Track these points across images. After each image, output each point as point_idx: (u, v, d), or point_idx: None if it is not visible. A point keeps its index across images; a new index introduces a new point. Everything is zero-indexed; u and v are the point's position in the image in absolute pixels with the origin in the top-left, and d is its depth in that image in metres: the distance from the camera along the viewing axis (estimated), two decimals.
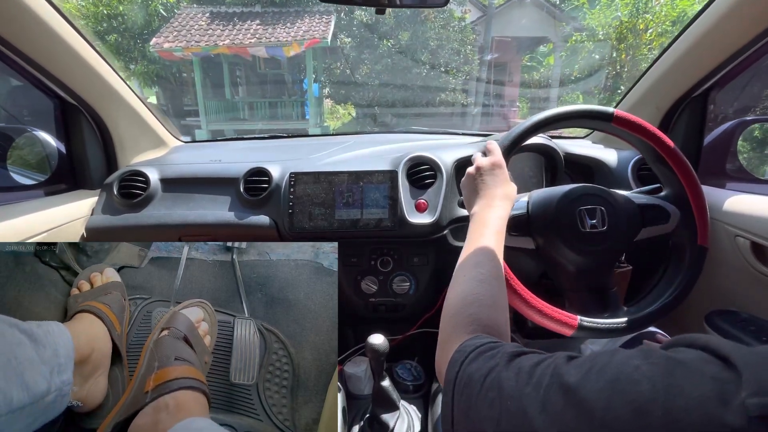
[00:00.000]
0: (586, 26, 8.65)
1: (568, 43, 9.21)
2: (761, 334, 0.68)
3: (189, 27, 8.46)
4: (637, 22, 6.84)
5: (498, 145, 0.65)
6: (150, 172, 0.96)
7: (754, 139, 1.26)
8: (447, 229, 0.89)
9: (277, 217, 0.89)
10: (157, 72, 8.50)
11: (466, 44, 8.92)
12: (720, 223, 0.78)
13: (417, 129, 1.29)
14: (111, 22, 7.96)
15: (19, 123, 1.09)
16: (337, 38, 8.71)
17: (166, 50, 7.98)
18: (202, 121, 8.83)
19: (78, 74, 0.85)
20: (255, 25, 8.47)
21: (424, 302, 0.99)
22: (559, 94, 9.28)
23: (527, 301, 0.60)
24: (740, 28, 0.72)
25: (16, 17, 0.68)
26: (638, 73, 0.97)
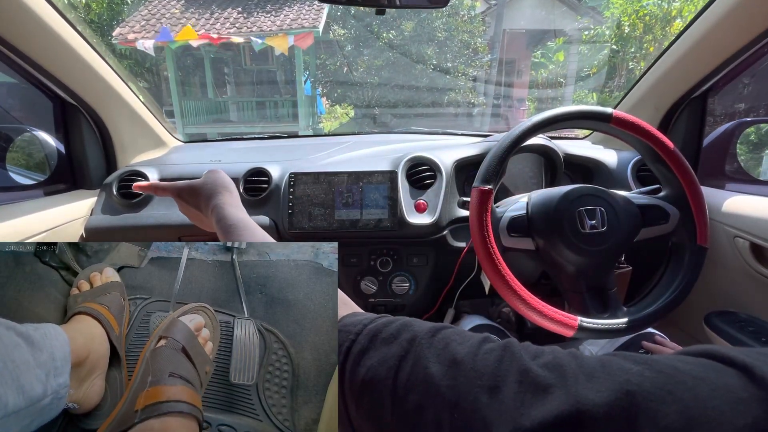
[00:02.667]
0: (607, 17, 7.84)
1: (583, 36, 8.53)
2: (760, 334, 0.68)
3: (159, 15, 7.45)
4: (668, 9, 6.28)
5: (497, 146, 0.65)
6: (149, 172, 0.96)
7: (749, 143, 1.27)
8: (447, 230, 0.89)
9: (277, 218, 0.89)
10: (130, 67, 7.52)
11: (476, 36, 8.26)
12: (719, 223, 0.78)
13: (417, 129, 1.29)
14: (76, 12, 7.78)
15: (18, 123, 1.09)
16: (330, 29, 7.88)
17: (130, 42, 6.97)
18: (177, 123, 7.78)
19: (77, 74, 0.85)
20: (236, 13, 7.51)
21: (423, 303, 0.99)
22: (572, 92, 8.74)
23: (527, 302, 0.60)
24: (740, 29, 0.72)
25: (16, 17, 0.68)
26: None
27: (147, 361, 0.49)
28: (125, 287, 0.57)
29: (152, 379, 0.46)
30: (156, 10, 7.64)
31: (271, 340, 0.56)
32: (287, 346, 0.56)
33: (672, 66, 0.87)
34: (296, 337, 0.56)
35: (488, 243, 0.62)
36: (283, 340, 0.56)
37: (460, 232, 0.90)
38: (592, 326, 0.61)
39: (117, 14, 7.73)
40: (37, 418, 0.42)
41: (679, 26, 6.01)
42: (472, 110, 8.82)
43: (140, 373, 0.48)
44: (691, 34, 0.80)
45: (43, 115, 0.94)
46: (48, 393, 0.42)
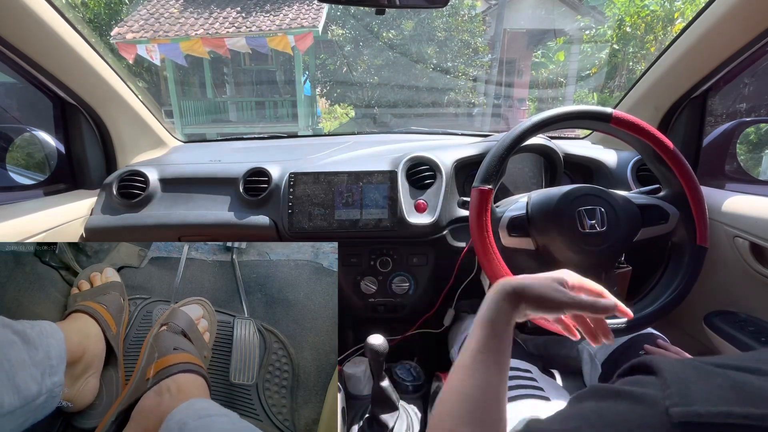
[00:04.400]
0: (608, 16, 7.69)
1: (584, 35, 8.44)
2: (760, 334, 0.68)
3: (158, 15, 7.30)
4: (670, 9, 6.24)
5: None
6: (149, 172, 0.96)
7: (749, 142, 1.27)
8: (446, 230, 0.89)
9: (277, 217, 0.89)
10: (129, 66, 7.27)
11: (476, 36, 8.18)
12: (719, 223, 0.78)
13: (416, 129, 1.29)
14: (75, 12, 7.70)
15: (18, 123, 1.09)
16: (329, 29, 7.80)
17: (129, 42, 6.86)
18: (176, 123, 7.75)
19: (78, 74, 0.85)
20: (234, 13, 7.36)
21: (423, 302, 0.99)
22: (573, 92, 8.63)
23: None
24: (739, 29, 0.72)
25: (16, 17, 0.68)
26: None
27: (151, 344, 0.50)
28: (125, 287, 0.57)
29: (159, 354, 0.49)
30: (155, 10, 7.55)
31: (271, 340, 0.56)
32: (287, 346, 0.56)
33: (672, 66, 0.87)
34: (296, 337, 0.56)
35: (488, 243, 0.62)
36: (283, 340, 0.56)
37: (460, 232, 0.90)
38: None
39: (115, 13, 7.67)
40: (30, 416, 0.42)
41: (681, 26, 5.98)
42: (473, 110, 8.77)
43: (146, 353, 0.49)
44: (691, 34, 0.80)
45: (43, 115, 0.94)
46: (42, 392, 0.42)
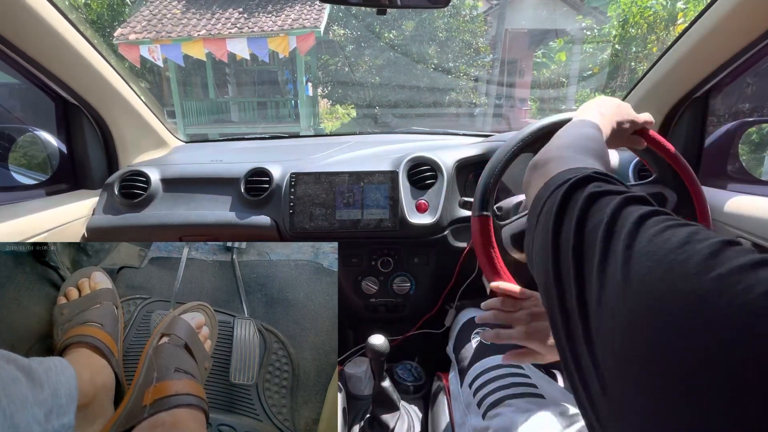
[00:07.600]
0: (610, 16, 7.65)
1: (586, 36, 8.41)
2: None
3: (161, 16, 7.31)
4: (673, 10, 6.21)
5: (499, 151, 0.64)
6: (151, 172, 0.96)
7: (751, 143, 1.26)
8: (447, 230, 0.89)
9: (278, 218, 0.89)
10: (131, 67, 7.34)
11: (478, 36, 8.17)
12: (721, 224, 0.78)
13: (418, 129, 1.29)
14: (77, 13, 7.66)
15: (20, 123, 1.09)
16: (331, 29, 7.82)
17: (131, 43, 6.90)
18: (178, 123, 7.81)
19: (80, 75, 0.85)
20: (236, 14, 7.37)
21: (424, 303, 0.99)
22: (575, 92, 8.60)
23: None
24: (742, 29, 0.71)
25: (18, 17, 0.68)
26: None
27: (150, 358, 0.48)
28: (125, 287, 0.57)
29: (158, 375, 0.46)
30: (157, 11, 7.56)
31: (271, 340, 0.56)
32: (287, 346, 0.56)
33: (673, 66, 0.86)
34: (296, 337, 0.56)
35: (498, 269, 0.60)
36: (283, 340, 0.56)
37: (461, 232, 0.90)
38: None
39: (118, 14, 7.68)
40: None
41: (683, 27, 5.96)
42: (474, 110, 8.75)
43: (144, 370, 0.47)
44: (693, 35, 0.79)
45: (45, 116, 0.95)
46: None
